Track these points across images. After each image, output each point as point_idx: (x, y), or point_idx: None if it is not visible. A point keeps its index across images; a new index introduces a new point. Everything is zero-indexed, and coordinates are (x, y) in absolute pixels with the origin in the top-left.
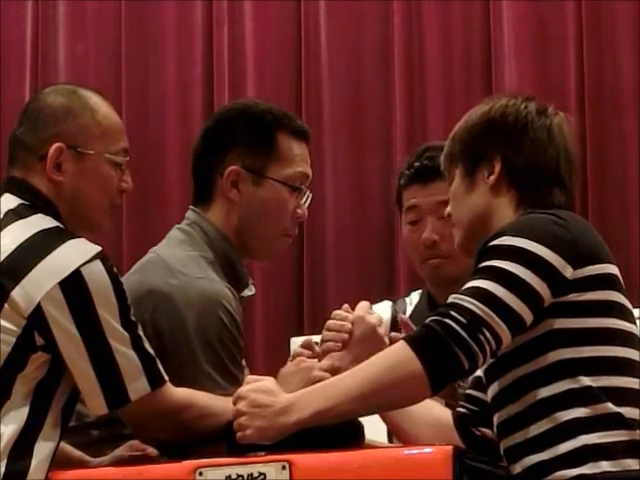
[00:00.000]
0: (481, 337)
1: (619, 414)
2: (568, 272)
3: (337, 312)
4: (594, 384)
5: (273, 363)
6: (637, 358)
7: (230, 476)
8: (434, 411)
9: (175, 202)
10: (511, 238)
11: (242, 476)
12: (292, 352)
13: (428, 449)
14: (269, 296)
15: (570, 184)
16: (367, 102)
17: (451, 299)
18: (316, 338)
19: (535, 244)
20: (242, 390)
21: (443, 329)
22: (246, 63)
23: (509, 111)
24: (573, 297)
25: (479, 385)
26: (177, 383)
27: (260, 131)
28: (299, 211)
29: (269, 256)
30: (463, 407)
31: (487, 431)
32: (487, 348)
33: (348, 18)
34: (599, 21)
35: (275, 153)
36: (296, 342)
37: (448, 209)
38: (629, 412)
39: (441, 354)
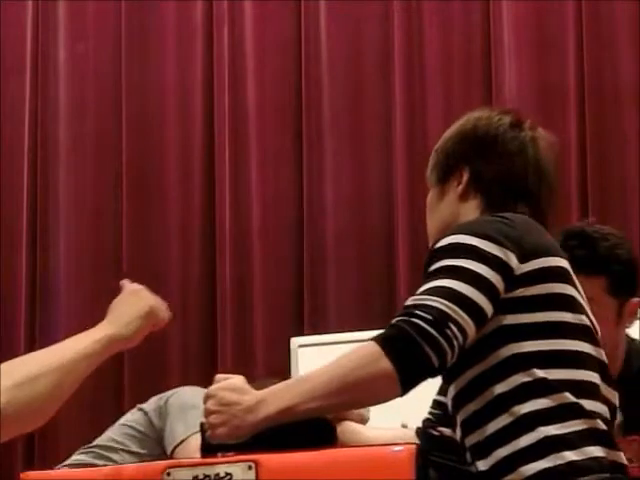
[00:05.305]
0: (449, 332)
1: (578, 404)
2: (514, 265)
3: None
4: (549, 376)
5: (273, 363)
6: (588, 350)
7: (197, 476)
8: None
9: (175, 202)
10: (454, 236)
11: (209, 476)
12: None
13: (392, 448)
14: (269, 296)
15: (539, 198)
16: (367, 102)
17: (411, 301)
18: (316, 338)
19: (479, 240)
20: (211, 388)
21: (411, 327)
22: (246, 63)
23: (481, 123)
24: (520, 292)
25: (444, 390)
26: None
27: None
28: None
29: None
30: (428, 413)
31: (445, 430)
32: (455, 343)
33: (348, 18)
34: (599, 21)
35: None
36: (296, 342)
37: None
38: (589, 404)
39: (410, 352)
